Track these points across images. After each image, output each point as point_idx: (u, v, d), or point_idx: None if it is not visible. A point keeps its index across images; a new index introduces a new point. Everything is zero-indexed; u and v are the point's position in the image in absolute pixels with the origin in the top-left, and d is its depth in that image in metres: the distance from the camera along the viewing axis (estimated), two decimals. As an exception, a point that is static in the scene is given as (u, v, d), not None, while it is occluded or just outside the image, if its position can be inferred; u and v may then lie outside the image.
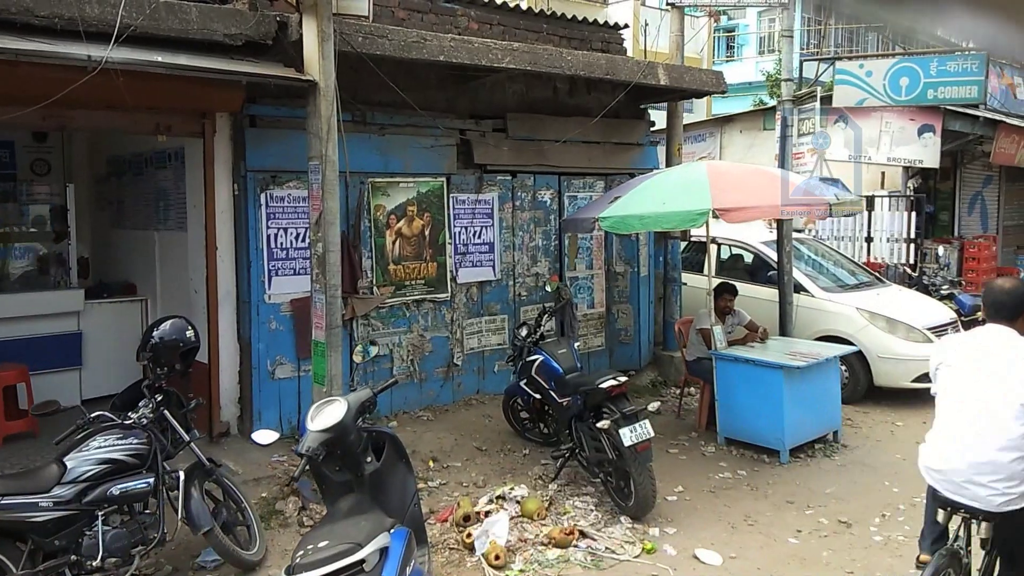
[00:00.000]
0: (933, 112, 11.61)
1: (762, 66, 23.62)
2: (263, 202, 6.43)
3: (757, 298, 8.57)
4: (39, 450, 5.94)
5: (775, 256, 8.66)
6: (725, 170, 7.29)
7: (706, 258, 8.32)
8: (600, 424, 5.28)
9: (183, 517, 4.35)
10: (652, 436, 5.26)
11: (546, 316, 6.93)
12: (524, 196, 8.15)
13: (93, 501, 4.03)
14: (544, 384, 6.19)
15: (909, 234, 12.11)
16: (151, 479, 4.22)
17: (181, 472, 4.44)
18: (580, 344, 8.04)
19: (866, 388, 8.10)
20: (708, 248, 8.08)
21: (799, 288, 8.58)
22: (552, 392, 6.07)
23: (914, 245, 12.11)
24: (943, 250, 12.65)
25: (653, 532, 5.11)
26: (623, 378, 5.52)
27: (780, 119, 9.16)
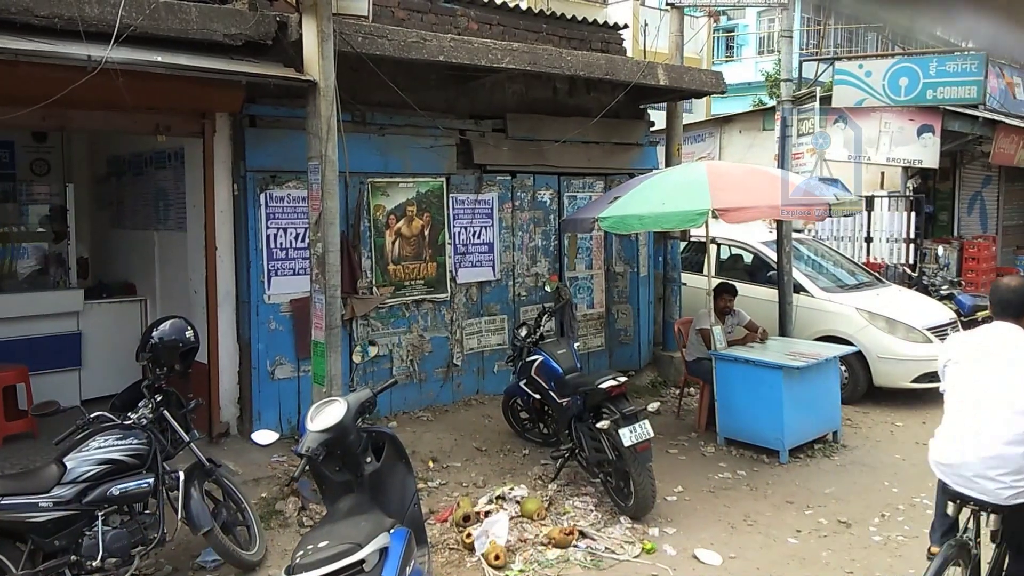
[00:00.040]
0: (932, 112, 11.62)
1: (761, 66, 23.64)
2: (263, 202, 6.43)
3: (757, 298, 8.57)
4: (39, 450, 5.94)
5: (775, 256, 8.67)
6: (725, 170, 7.29)
7: (706, 258, 8.32)
8: (600, 424, 5.28)
9: (183, 517, 4.36)
10: (652, 436, 5.26)
11: (546, 316, 6.93)
12: (524, 196, 8.15)
13: (93, 501, 4.03)
14: (544, 384, 6.19)
15: (909, 234, 12.11)
16: (151, 479, 4.22)
17: (181, 472, 4.44)
18: (580, 344, 8.05)
19: (866, 388, 8.11)
20: (708, 248, 8.09)
21: (799, 288, 8.59)
22: (552, 392, 6.07)
23: (913, 245, 12.12)
24: (943, 250, 12.66)
25: (653, 532, 5.11)
26: (623, 378, 5.53)
27: (779, 119, 9.16)
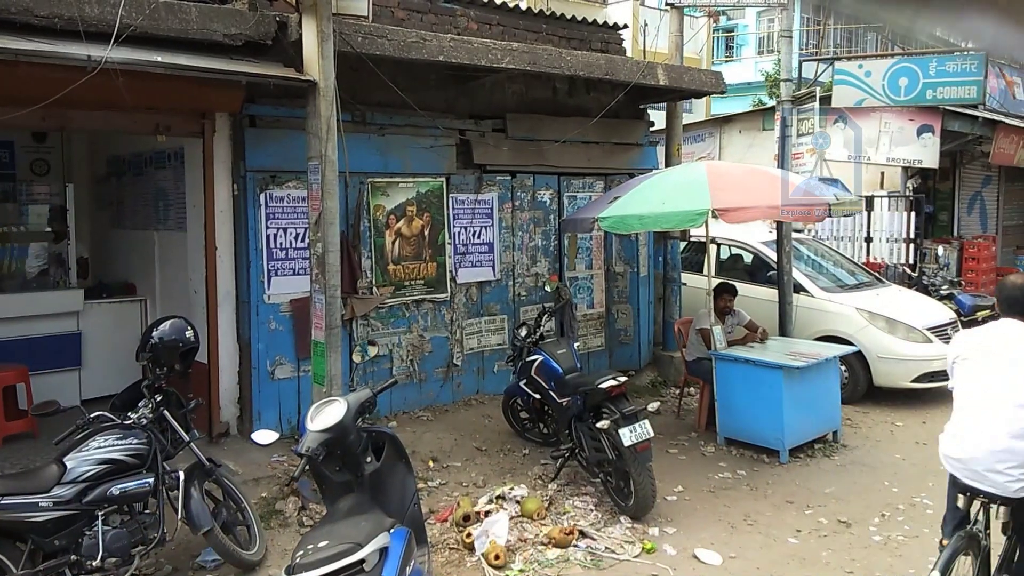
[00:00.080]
0: (932, 112, 11.62)
1: (761, 66, 23.64)
2: (263, 202, 6.43)
3: (757, 298, 8.57)
4: (39, 450, 5.94)
5: (775, 256, 8.67)
6: (724, 170, 7.29)
7: (706, 258, 8.32)
8: (600, 424, 5.28)
9: (183, 517, 4.36)
10: (652, 436, 5.26)
11: (546, 316, 6.93)
12: (523, 196, 8.15)
13: (93, 501, 4.03)
14: (544, 384, 6.19)
15: (908, 234, 12.11)
16: (151, 479, 4.22)
17: (181, 472, 4.44)
18: (580, 344, 8.05)
19: (866, 388, 8.11)
20: (708, 248, 8.09)
21: (799, 288, 8.59)
22: (552, 392, 6.07)
23: (913, 245, 12.12)
24: (942, 250, 12.66)
25: (653, 532, 5.11)
26: (623, 378, 5.52)
27: (779, 119, 9.16)
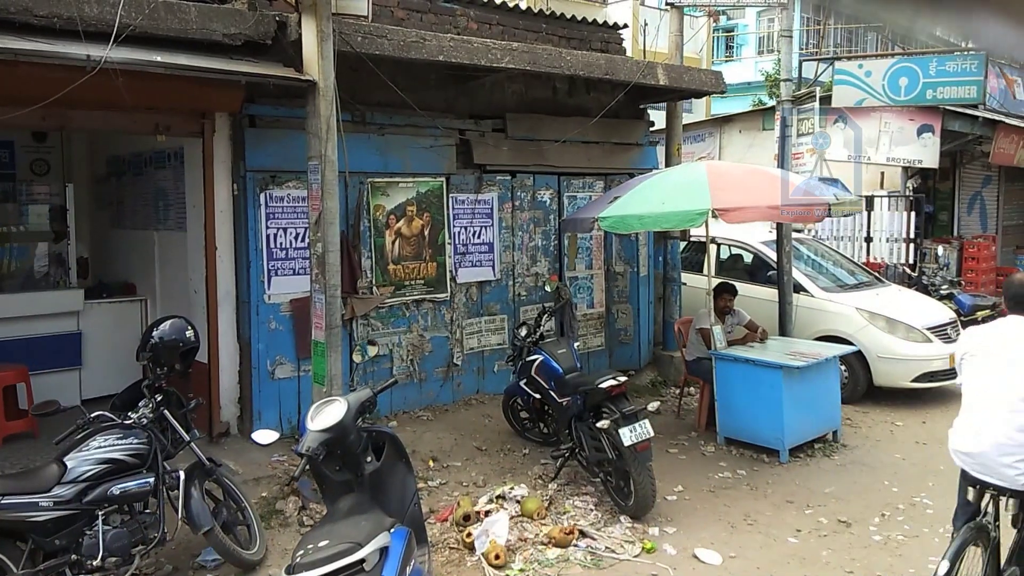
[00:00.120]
0: (932, 112, 11.62)
1: (761, 66, 23.65)
2: (262, 202, 6.43)
3: (757, 298, 8.57)
4: (39, 450, 5.94)
5: (775, 256, 8.67)
6: (724, 170, 7.29)
7: (706, 258, 8.32)
8: (600, 424, 5.28)
9: (183, 517, 4.36)
10: (652, 436, 5.26)
11: (546, 316, 6.94)
12: (523, 196, 8.15)
13: (93, 501, 4.03)
14: (544, 384, 6.19)
15: (908, 234, 12.12)
16: (151, 479, 4.22)
17: (181, 472, 4.44)
18: (580, 344, 8.05)
19: (866, 388, 8.10)
20: (708, 248, 8.10)
21: (799, 288, 8.59)
22: (552, 392, 6.07)
23: (913, 245, 12.13)
24: (942, 250, 12.67)
25: (653, 531, 5.11)
26: (623, 378, 5.53)
27: (779, 119, 9.16)
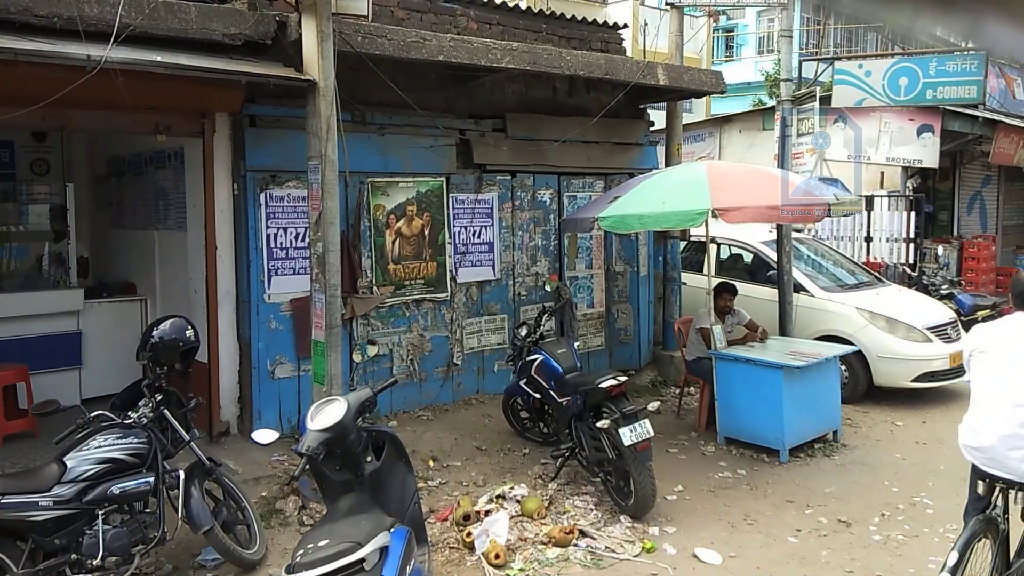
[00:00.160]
0: (932, 112, 11.62)
1: (761, 66, 23.65)
2: (263, 202, 6.44)
3: (757, 298, 8.57)
4: (39, 450, 5.94)
5: (775, 256, 8.67)
6: (724, 170, 7.29)
7: (706, 258, 8.33)
8: (600, 424, 5.28)
9: (183, 516, 4.36)
10: (652, 435, 5.26)
11: (546, 316, 6.94)
12: (523, 196, 8.15)
13: (93, 500, 4.03)
14: (544, 384, 6.20)
15: (908, 234, 12.13)
16: (151, 478, 4.22)
17: (181, 471, 4.44)
18: (580, 344, 8.05)
19: (866, 388, 8.10)
20: (708, 248, 8.10)
21: (799, 288, 8.59)
22: (552, 392, 6.07)
23: (913, 245, 12.13)
24: (942, 250, 12.67)
25: (653, 531, 5.11)
26: (623, 378, 5.53)
27: (779, 119, 9.16)
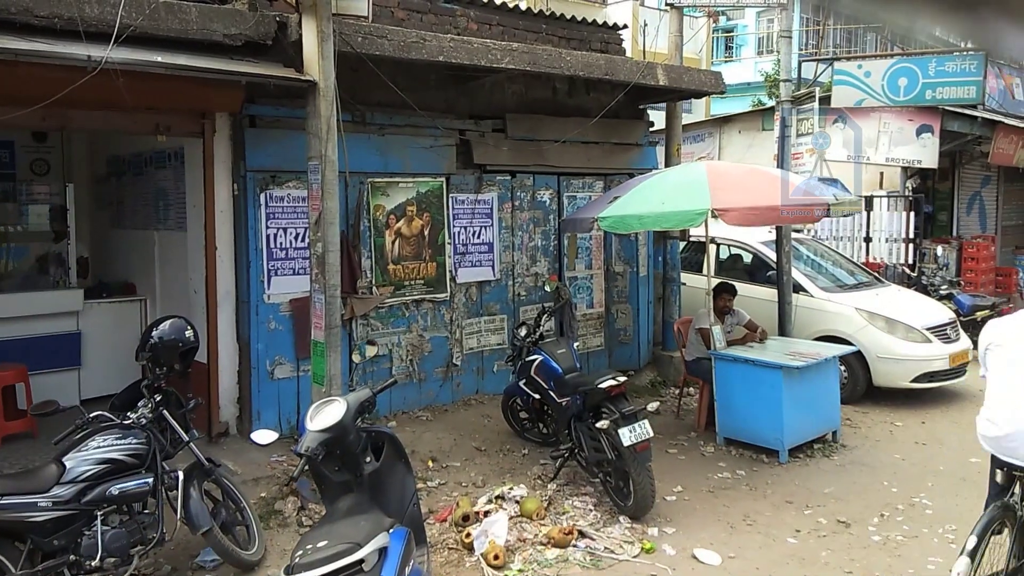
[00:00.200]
0: (931, 112, 11.62)
1: (761, 66, 23.66)
2: (263, 202, 6.44)
3: (756, 298, 8.58)
4: (38, 450, 5.94)
5: (774, 256, 8.67)
6: (724, 170, 7.29)
7: (705, 258, 8.33)
8: (599, 424, 5.28)
9: (182, 517, 4.35)
10: (651, 436, 5.26)
11: (545, 316, 6.94)
12: (523, 196, 8.15)
13: (92, 501, 4.03)
14: (543, 384, 6.20)
15: (908, 234, 12.12)
16: (150, 479, 4.22)
17: (180, 472, 4.44)
18: (579, 344, 8.05)
19: (865, 388, 8.11)
20: (707, 248, 8.10)
21: (798, 288, 8.59)
22: (551, 392, 6.07)
23: (913, 245, 12.13)
24: (942, 250, 12.66)
25: (652, 532, 5.11)
26: (622, 378, 5.52)
27: (779, 119, 9.16)
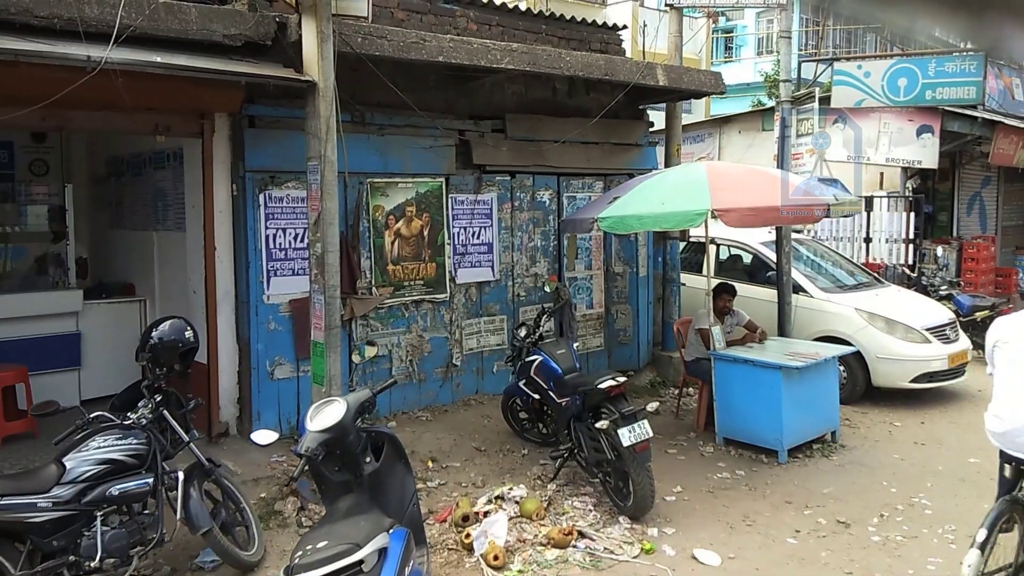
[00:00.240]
0: (931, 113, 11.63)
1: (760, 67, 23.67)
2: (262, 202, 6.44)
3: (756, 298, 8.58)
4: (38, 450, 5.94)
5: (774, 256, 8.67)
6: (724, 170, 7.30)
7: (705, 258, 8.33)
8: (599, 424, 5.28)
9: (182, 517, 4.35)
10: (651, 436, 5.26)
11: (545, 316, 6.94)
12: (523, 196, 8.15)
13: (92, 501, 4.03)
14: (543, 384, 6.20)
15: (908, 235, 12.13)
16: (150, 479, 4.22)
17: (180, 472, 4.44)
18: (579, 344, 8.05)
19: (864, 388, 8.11)
20: (707, 248, 8.11)
21: (798, 288, 8.59)
22: (551, 392, 6.07)
23: (913, 246, 12.13)
24: (942, 251, 12.67)
25: (652, 532, 5.11)
26: (622, 378, 5.52)
27: (779, 120, 9.17)
